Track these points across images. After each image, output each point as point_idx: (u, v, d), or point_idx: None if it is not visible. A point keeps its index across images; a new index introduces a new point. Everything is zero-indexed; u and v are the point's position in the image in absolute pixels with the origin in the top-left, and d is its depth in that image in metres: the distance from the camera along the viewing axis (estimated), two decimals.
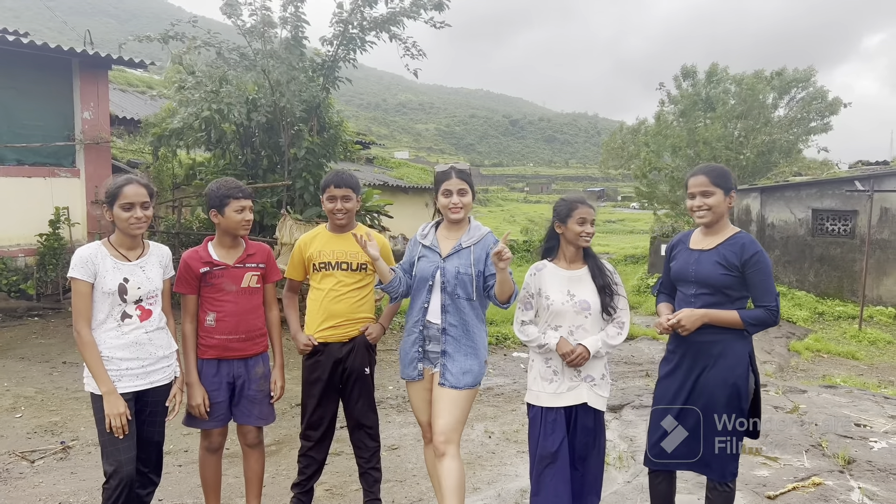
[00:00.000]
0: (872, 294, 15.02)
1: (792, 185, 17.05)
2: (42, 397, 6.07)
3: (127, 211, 2.96)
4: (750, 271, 3.08)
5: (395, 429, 5.49)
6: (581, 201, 3.31)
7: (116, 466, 2.90)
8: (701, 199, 3.18)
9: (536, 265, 3.39)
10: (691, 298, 3.20)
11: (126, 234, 3.01)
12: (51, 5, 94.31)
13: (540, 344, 3.23)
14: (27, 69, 9.90)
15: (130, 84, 20.28)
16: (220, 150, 10.60)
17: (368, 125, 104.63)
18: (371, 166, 23.28)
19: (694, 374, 3.19)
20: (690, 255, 3.25)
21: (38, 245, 9.90)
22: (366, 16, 9.67)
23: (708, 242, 3.22)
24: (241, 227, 3.30)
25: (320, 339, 3.54)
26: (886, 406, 6.32)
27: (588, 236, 3.25)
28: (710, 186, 3.16)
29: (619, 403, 6.25)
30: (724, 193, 3.16)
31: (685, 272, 3.24)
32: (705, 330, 3.12)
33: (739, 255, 3.09)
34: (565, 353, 3.16)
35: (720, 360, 3.12)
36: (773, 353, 10.94)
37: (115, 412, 2.86)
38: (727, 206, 3.19)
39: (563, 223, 3.27)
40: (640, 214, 46.80)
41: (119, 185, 2.98)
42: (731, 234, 3.20)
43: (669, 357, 3.32)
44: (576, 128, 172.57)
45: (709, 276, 3.13)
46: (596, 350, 3.18)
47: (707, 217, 3.19)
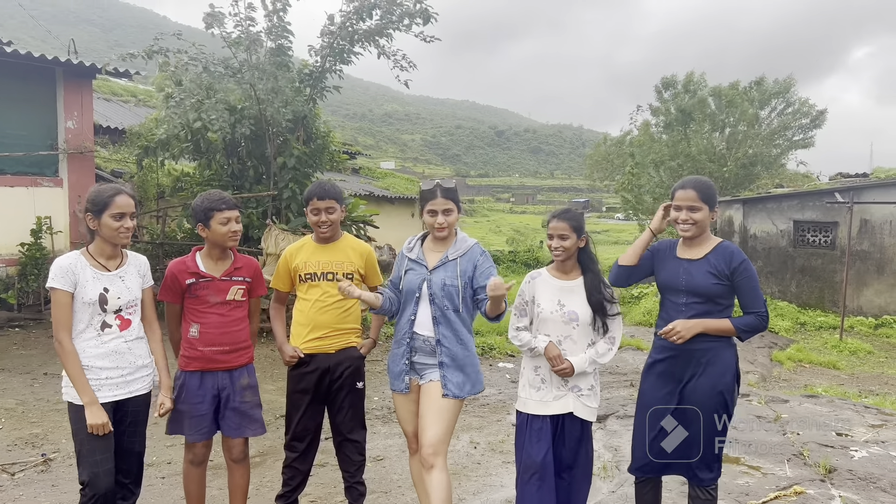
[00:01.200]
0: (853, 304, 15.20)
1: (774, 197, 17.26)
2: (23, 409, 6.00)
3: (117, 220, 2.96)
4: (739, 279, 3.14)
5: (380, 440, 5.48)
6: (554, 215, 3.34)
7: (91, 477, 2.89)
8: (687, 214, 3.22)
9: (532, 273, 3.46)
10: (682, 307, 3.22)
11: (109, 244, 3.01)
12: (34, 14, 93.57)
13: (530, 347, 3.26)
14: (10, 78, 9.82)
15: (115, 93, 20.14)
16: (206, 160, 10.57)
17: (354, 135, 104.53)
18: (357, 176, 23.26)
19: (682, 381, 3.22)
20: (679, 264, 3.28)
21: (20, 255, 9.78)
22: (356, 29, 9.70)
23: (695, 252, 3.26)
24: (228, 239, 3.29)
25: (306, 351, 3.53)
26: (867, 415, 6.40)
27: (556, 251, 3.29)
28: (698, 202, 3.20)
29: (603, 413, 6.27)
30: (709, 209, 3.22)
31: (675, 281, 3.26)
32: (696, 338, 3.15)
33: (729, 264, 3.14)
34: (552, 358, 3.19)
35: (709, 368, 3.16)
36: (756, 363, 11.03)
37: (99, 422, 2.86)
38: (711, 221, 3.25)
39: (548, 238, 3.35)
40: (624, 225, 47.07)
41: (110, 194, 2.96)
42: (716, 243, 3.25)
43: (655, 364, 3.33)
44: (561, 139, 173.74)
45: (700, 285, 3.17)
46: (582, 369, 3.21)
47: (691, 231, 3.23)
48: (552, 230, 3.30)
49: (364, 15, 9.61)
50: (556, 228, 3.27)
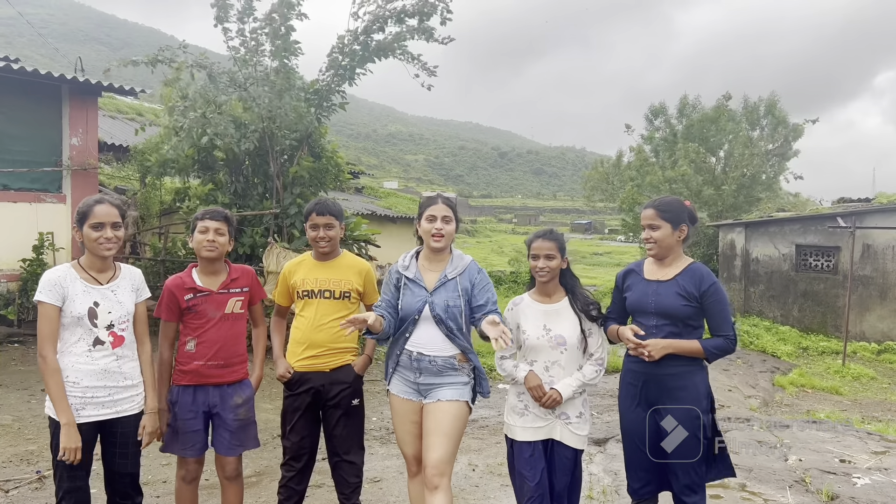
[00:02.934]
0: (855, 329, 15.13)
1: (776, 221, 17.26)
2: (19, 425, 5.96)
3: (96, 231, 2.88)
4: (708, 301, 3.12)
5: (377, 461, 5.43)
6: (539, 235, 3.31)
7: (63, 496, 2.86)
8: (648, 232, 3.23)
9: (514, 300, 3.41)
10: (652, 329, 3.19)
11: (96, 256, 2.94)
12: (43, 32, 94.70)
13: (512, 376, 3.24)
14: (17, 95, 9.90)
15: (120, 111, 20.27)
16: (209, 177, 10.60)
17: (358, 155, 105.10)
18: (360, 195, 23.33)
19: (653, 405, 3.21)
20: (648, 286, 3.26)
21: (21, 271, 9.79)
22: (369, 44, 9.73)
23: (664, 273, 3.23)
24: (202, 249, 3.25)
25: (301, 369, 3.51)
26: (870, 442, 6.33)
27: (542, 271, 3.24)
28: (657, 220, 3.20)
29: (603, 437, 6.22)
30: (671, 227, 3.19)
31: (644, 303, 3.24)
32: (664, 361, 3.13)
33: (698, 286, 3.13)
34: (532, 388, 3.15)
35: (682, 394, 3.14)
36: (758, 388, 10.95)
37: (72, 446, 2.78)
38: (676, 240, 3.22)
39: (529, 258, 3.31)
40: (626, 247, 47.04)
41: (89, 204, 2.91)
42: (686, 264, 3.23)
43: (630, 389, 3.31)
44: (563, 161, 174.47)
45: (670, 306, 3.15)
46: (570, 394, 3.16)
47: (654, 249, 3.24)
48: (537, 250, 3.24)
49: (377, 26, 9.62)
50: (543, 248, 3.23)
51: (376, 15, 9.54)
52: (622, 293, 3.39)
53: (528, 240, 3.35)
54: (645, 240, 3.28)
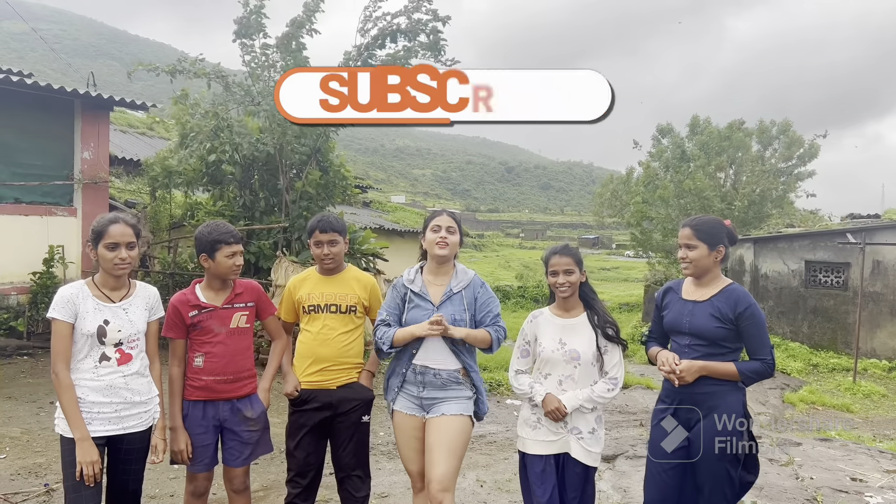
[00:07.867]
0: (866, 346, 15.00)
1: (785, 237, 17.18)
2: (28, 438, 5.97)
3: (111, 251, 2.87)
4: (745, 324, 3.07)
5: (384, 476, 5.40)
6: (555, 252, 3.31)
7: None
8: (684, 251, 3.20)
9: (534, 312, 3.42)
10: (685, 349, 3.17)
11: (109, 275, 2.95)
12: (56, 48, 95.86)
13: (528, 397, 3.23)
14: (30, 109, 10.02)
15: (131, 125, 20.47)
16: (219, 191, 10.67)
17: (366, 169, 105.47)
18: (368, 210, 23.40)
19: (689, 425, 3.16)
20: (684, 305, 3.23)
21: (31, 283, 9.86)
22: (372, 64, 9.81)
23: (701, 294, 3.21)
24: (231, 273, 3.27)
25: (308, 387, 3.51)
26: (881, 460, 6.26)
27: (563, 287, 3.24)
28: (693, 240, 3.17)
29: (612, 454, 6.18)
30: (708, 248, 3.16)
31: (679, 323, 3.22)
32: (700, 381, 3.09)
33: (734, 308, 3.08)
34: (550, 412, 3.15)
35: (715, 413, 3.09)
36: (768, 405, 10.86)
37: (88, 460, 2.76)
38: (713, 261, 3.18)
39: (547, 275, 3.31)
40: (634, 262, 46.92)
41: (104, 223, 2.90)
42: (724, 286, 3.19)
43: (664, 408, 3.28)
44: (571, 176, 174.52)
45: (704, 328, 3.12)
46: (573, 407, 3.15)
47: (689, 269, 3.21)
48: (556, 266, 3.25)
49: (381, 42, 9.72)
50: (561, 264, 3.24)
51: (382, 30, 9.65)
52: (661, 312, 3.38)
53: (545, 257, 3.35)
54: (680, 259, 3.24)
